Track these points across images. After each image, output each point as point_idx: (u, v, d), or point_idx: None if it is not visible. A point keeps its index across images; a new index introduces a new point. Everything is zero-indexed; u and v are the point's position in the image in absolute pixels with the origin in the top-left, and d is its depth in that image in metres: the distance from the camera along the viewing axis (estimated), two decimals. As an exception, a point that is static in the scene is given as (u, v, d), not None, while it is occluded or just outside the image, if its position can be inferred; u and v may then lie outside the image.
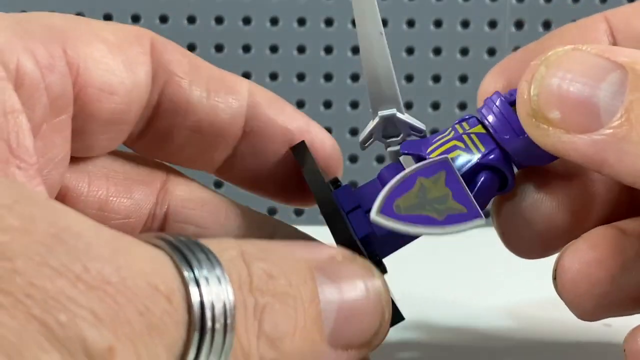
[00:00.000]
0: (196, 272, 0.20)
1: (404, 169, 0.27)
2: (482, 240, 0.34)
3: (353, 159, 0.59)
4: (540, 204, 0.29)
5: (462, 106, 0.59)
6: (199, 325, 0.20)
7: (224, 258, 0.21)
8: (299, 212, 0.58)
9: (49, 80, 0.25)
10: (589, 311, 0.27)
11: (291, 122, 0.30)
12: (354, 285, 0.23)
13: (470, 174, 0.27)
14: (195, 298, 0.20)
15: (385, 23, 0.56)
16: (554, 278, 0.27)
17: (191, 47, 0.56)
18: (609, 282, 0.26)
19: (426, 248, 0.29)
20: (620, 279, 0.26)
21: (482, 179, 0.27)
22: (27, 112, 0.24)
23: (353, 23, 0.56)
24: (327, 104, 0.57)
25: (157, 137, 0.29)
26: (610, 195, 0.29)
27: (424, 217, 0.25)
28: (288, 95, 0.57)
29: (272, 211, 0.57)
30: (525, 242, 0.29)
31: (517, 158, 0.28)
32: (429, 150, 0.28)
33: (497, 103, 0.28)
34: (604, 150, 0.24)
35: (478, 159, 0.27)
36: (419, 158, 0.28)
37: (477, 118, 0.28)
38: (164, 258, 0.20)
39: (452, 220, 0.25)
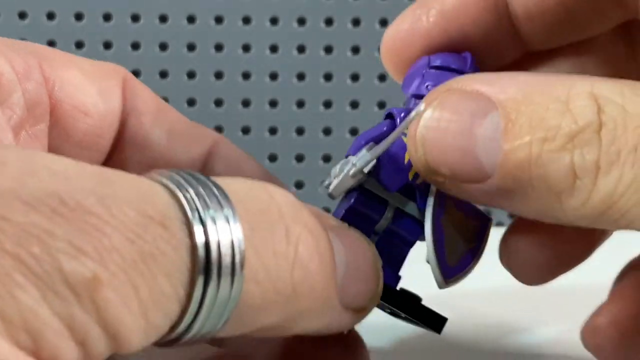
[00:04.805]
0: (193, 195, 0.19)
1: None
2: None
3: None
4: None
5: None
6: (203, 247, 0.18)
7: (235, 186, 0.20)
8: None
9: (26, 86, 0.26)
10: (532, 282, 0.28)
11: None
12: (358, 246, 0.24)
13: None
14: (195, 220, 0.18)
15: (385, 22, 0.56)
16: (501, 258, 0.27)
17: (190, 47, 0.56)
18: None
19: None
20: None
21: None
22: (7, 113, 0.25)
23: (353, 23, 0.56)
24: (327, 104, 0.57)
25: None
26: None
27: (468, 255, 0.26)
28: (288, 95, 0.58)
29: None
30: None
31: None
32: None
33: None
34: (498, 198, 0.23)
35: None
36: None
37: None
38: (155, 186, 0.19)
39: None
